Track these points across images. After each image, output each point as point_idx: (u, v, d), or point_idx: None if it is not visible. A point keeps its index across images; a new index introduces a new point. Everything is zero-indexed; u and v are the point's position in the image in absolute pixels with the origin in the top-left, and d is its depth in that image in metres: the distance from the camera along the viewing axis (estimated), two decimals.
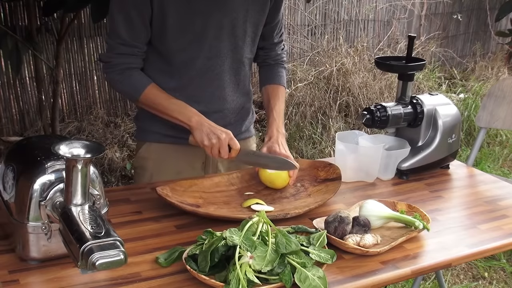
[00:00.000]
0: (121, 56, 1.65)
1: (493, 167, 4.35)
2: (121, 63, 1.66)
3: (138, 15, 1.61)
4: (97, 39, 4.32)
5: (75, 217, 1.09)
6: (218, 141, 1.59)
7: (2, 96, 3.93)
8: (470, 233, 1.49)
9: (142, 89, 1.66)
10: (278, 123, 1.79)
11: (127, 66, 1.66)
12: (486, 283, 2.91)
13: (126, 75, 1.66)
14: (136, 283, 1.18)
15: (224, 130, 1.61)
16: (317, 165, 1.76)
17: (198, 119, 1.63)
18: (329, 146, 4.33)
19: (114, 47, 1.66)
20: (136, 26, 1.62)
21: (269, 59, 1.90)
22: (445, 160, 1.93)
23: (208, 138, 1.59)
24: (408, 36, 1.92)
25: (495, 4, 6.82)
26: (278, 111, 1.82)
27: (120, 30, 1.63)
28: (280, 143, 1.72)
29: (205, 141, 1.60)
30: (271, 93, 1.86)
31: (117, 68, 1.66)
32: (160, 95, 1.67)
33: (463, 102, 5.25)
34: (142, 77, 1.68)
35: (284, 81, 1.92)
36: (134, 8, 1.60)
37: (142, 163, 1.85)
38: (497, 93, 2.40)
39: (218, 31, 1.68)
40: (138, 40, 1.65)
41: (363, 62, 5.20)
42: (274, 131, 1.76)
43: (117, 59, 1.66)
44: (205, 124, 1.62)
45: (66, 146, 1.10)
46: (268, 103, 1.85)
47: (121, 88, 1.73)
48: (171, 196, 1.52)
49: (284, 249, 1.18)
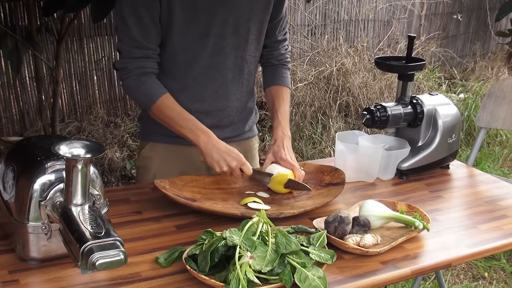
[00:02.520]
0: (137, 60, 1.64)
1: (493, 167, 4.35)
2: (137, 68, 1.64)
3: (149, 15, 1.60)
4: (97, 39, 4.32)
5: (75, 217, 1.09)
6: (229, 169, 1.59)
7: (2, 96, 3.93)
8: (470, 233, 1.49)
9: (156, 98, 1.64)
10: (284, 125, 1.78)
11: (143, 71, 1.64)
12: (486, 283, 2.91)
13: (141, 81, 1.64)
14: (136, 283, 1.18)
15: (235, 156, 1.59)
16: (324, 169, 1.75)
17: (206, 140, 1.61)
18: (329, 146, 4.33)
19: (128, 52, 1.64)
20: (147, 26, 1.61)
21: (272, 58, 1.90)
22: (445, 160, 1.93)
23: (218, 165, 1.58)
24: (408, 36, 1.92)
25: (495, 4, 6.82)
26: (283, 112, 1.81)
27: (133, 32, 1.61)
28: (285, 148, 1.72)
29: (216, 168, 1.59)
30: (275, 95, 1.86)
31: (133, 73, 1.64)
32: (173, 108, 1.65)
33: (463, 102, 5.25)
34: (157, 86, 1.66)
35: (288, 82, 1.91)
36: (144, 8, 1.59)
37: (145, 163, 1.85)
38: (497, 93, 2.40)
39: (222, 29, 1.68)
40: (151, 41, 1.64)
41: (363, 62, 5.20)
42: (280, 133, 1.75)
43: (133, 64, 1.64)
44: (213, 148, 1.60)
45: (66, 146, 1.10)
46: (273, 105, 1.84)
47: (136, 95, 1.70)
48: (168, 189, 1.52)
49: (284, 249, 1.18)
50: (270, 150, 1.73)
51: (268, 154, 1.73)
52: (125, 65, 1.65)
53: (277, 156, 1.70)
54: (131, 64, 1.64)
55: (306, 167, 1.75)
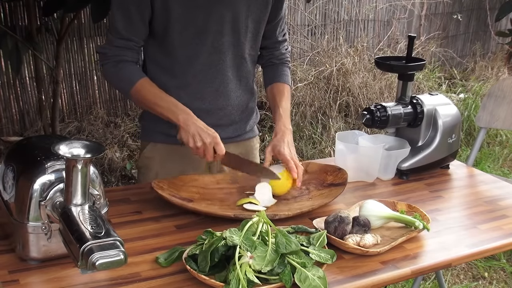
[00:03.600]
0: (116, 49, 1.67)
1: (493, 167, 4.35)
2: (116, 55, 1.67)
3: (138, 13, 1.62)
4: (97, 39, 4.32)
5: (75, 217, 1.09)
6: (202, 145, 1.58)
7: (2, 96, 3.93)
8: (470, 233, 1.49)
9: (133, 82, 1.66)
10: (285, 119, 1.78)
11: (121, 59, 1.67)
12: (486, 283, 2.91)
13: (119, 67, 1.68)
14: (136, 283, 1.18)
15: (210, 133, 1.59)
16: (327, 169, 1.74)
17: (186, 117, 1.61)
18: (329, 146, 4.33)
19: (111, 40, 1.68)
20: (134, 22, 1.64)
21: (273, 58, 1.90)
22: (445, 160, 1.93)
23: (193, 140, 1.58)
24: (408, 36, 1.92)
25: (495, 4, 6.82)
26: (284, 107, 1.81)
27: (118, 26, 1.64)
28: (286, 142, 1.70)
29: (190, 142, 1.58)
30: (276, 91, 1.86)
31: (111, 60, 1.67)
32: (151, 90, 1.67)
33: (463, 102, 5.25)
34: (135, 71, 1.69)
35: (289, 80, 1.91)
36: (134, 6, 1.61)
37: (147, 163, 1.85)
38: (497, 93, 2.40)
39: (220, 26, 1.68)
40: (136, 35, 1.67)
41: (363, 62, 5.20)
42: (281, 127, 1.75)
43: (113, 51, 1.67)
44: (192, 124, 1.59)
45: (66, 146, 1.10)
46: (274, 100, 1.84)
47: (114, 81, 1.74)
48: (164, 189, 1.52)
49: (284, 249, 1.18)
50: (270, 144, 1.72)
51: (268, 147, 1.73)
52: (105, 50, 1.69)
53: (275, 150, 1.69)
54: (111, 51, 1.67)
55: (310, 167, 1.75)
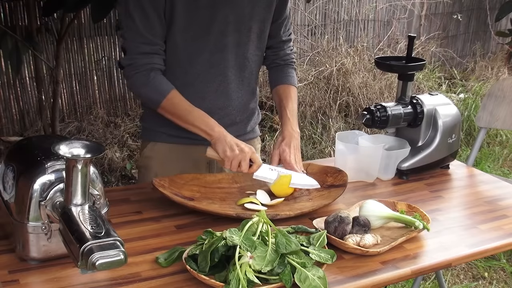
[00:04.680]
0: (145, 56, 1.62)
1: (493, 167, 4.35)
2: (146, 63, 1.62)
3: (154, 10, 1.60)
4: (97, 39, 4.32)
5: (75, 217, 1.09)
6: (241, 153, 1.57)
7: (2, 96, 3.93)
8: (470, 233, 1.49)
9: (166, 93, 1.63)
10: (292, 122, 1.78)
11: (152, 67, 1.63)
12: (486, 283, 2.91)
13: (151, 77, 1.63)
14: (136, 283, 1.18)
15: (247, 145, 1.60)
16: (328, 170, 1.74)
17: (221, 130, 1.62)
18: (329, 146, 4.33)
19: (135, 48, 1.62)
20: (153, 21, 1.60)
21: (278, 59, 1.90)
22: (445, 160, 1.93)
23: (231, 149, 1.57)
24: (408, 36, 1.92)
25: (495, 4, 6.82)
26: (291, 110, 1.81)
27: (139, 27, 1.60)
28: (292, 147, 1.71)
29: (227, 151, 1.57)
30: (282, 93, 1.85)
31: (142, 69, 1.62)
32: (183, 102, 1.65)
33: (463, 102, 5.25)
34: (166, 81, 1.66)
35: (295, 81, 1.91)
36: (149, 3, 1.58)
37: (147, 163, 1.85)
38: (497, 93, 2.40)
39: (223, 26, 1.68)
40: (158, 36, 1.63)
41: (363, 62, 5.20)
42: (290, 130, 1.75)
43: (141, 59, 1.62)
44: (228, 135, 1.61)
45: (66, 146, 1.10)
46: (280, 103, 1.84)
47: (145, 92, 1.66)
48: (166, 187, 1.52)
49: (284, 249, 1.18)
50: (277, 148, 1.72)
51: (274, 151, 1.73)
52: (132, 61, 1.63)
53: (281, 156, 1.70)
54: (139, 60, 1.62)
55: (310, 168, 1.75)
